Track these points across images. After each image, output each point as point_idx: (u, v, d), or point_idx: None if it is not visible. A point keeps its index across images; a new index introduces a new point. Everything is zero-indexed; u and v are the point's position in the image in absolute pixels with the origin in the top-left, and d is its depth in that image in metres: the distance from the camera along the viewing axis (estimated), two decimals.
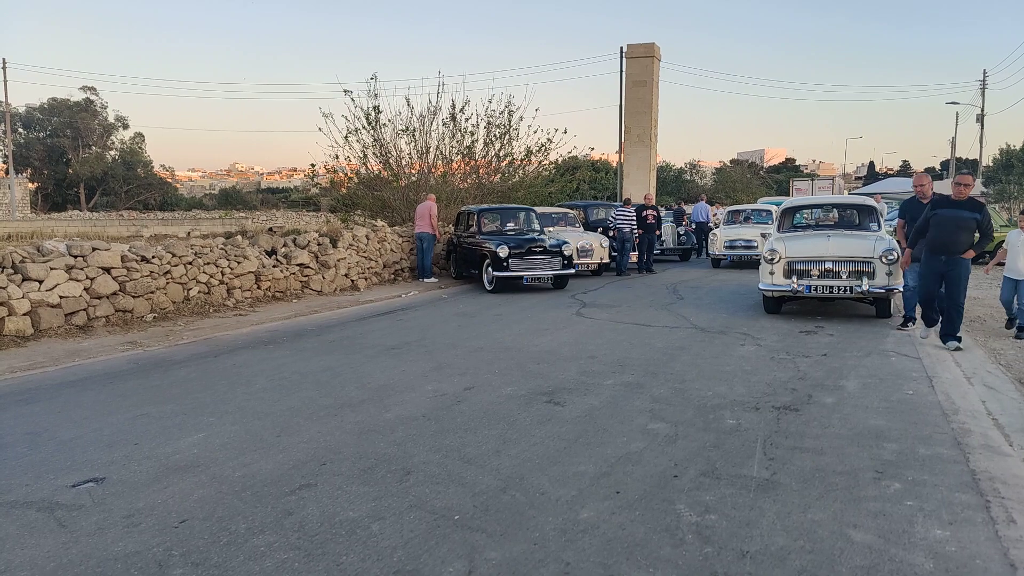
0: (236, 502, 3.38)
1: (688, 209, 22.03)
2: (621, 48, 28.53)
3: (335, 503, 3.36)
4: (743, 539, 2.99)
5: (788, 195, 31.12)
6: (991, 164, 32.47)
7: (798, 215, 11.09)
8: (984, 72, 41.38)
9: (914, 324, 8.01)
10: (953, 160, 48.64)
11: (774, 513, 3.24)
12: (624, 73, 28.33)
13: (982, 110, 40.63)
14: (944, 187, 12.24)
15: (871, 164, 77.46)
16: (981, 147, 46.40)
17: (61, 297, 7.90)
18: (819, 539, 2.99)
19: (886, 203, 14.81)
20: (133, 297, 8.66)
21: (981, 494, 3.43)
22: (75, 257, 8.21)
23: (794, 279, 8.61)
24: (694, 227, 19.59)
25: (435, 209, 13.81)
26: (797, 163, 78.22)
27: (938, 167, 61.21)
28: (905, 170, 76.90)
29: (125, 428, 4.56)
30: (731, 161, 70.72)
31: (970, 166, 53.02)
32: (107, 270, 8.46)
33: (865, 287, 8.35)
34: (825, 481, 3.60)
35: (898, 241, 8.33)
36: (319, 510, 3.28)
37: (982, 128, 40.99)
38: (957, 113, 75.58)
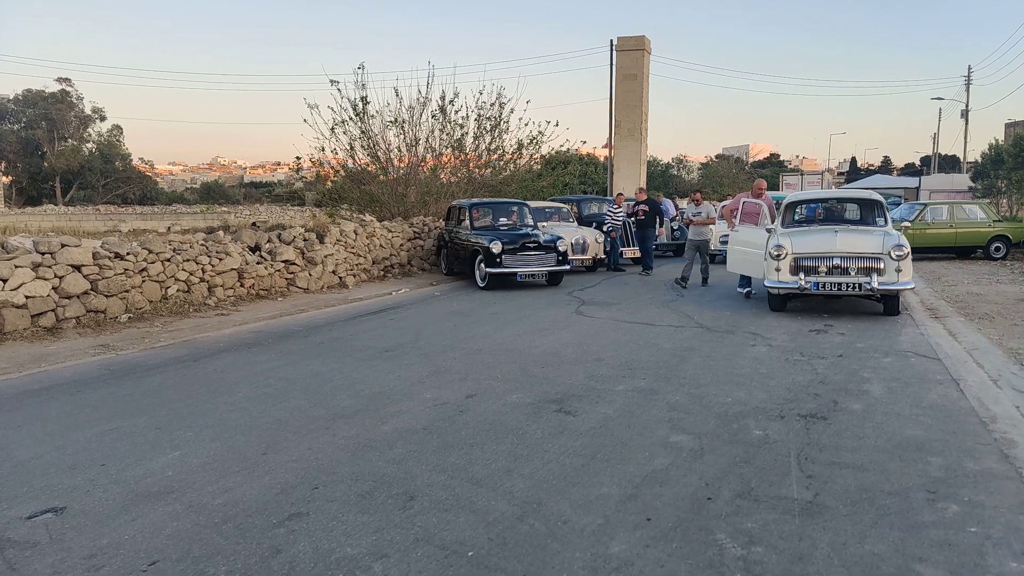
0: (215, 537, 2.95)
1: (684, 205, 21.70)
2: (611, 41, 28.09)
3: (330, 537, 2.94)
4: None
5: (777, 190, 30.96)
6: (978, 160, 32.61)
7: (799, 209, 10.75)
8: (969, 68, 41.62)
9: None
10: (935, 156, 48.86)
11: (827, 544, 2.88)
12: (614, 66, 27.93)
13: (967, 106, 40.84)
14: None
15: (853, 160, 77.76)
16: (965, 143, 46.76)
17: (27, 297, 7.38)
18: None
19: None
20: (106, 296, 8.14)
21: None
22: (42, 254, 7.68)
23: (801, 276, 8.28)
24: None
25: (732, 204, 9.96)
26: (781, 158, 78.42)
27: (918, 163, 61.54)
28: (886, 166, 77.37)
29: (92, 446, 4.11)
30: (716, 156, 70.73)
31: (952, 162, 53.37)
32: (77, 268, 7.93)
33: (875, 284, 8.05)
34: (875, 503, 3.25)
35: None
36: (312, 546, 2.86)
37: (967, 124, 41.24)
38: (940, 109, 76.25)
